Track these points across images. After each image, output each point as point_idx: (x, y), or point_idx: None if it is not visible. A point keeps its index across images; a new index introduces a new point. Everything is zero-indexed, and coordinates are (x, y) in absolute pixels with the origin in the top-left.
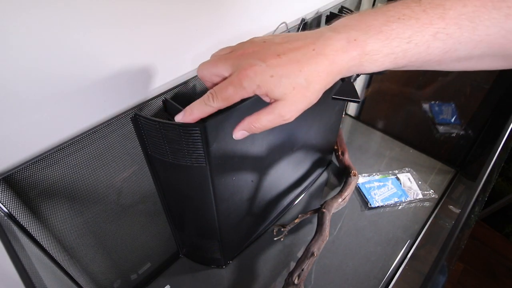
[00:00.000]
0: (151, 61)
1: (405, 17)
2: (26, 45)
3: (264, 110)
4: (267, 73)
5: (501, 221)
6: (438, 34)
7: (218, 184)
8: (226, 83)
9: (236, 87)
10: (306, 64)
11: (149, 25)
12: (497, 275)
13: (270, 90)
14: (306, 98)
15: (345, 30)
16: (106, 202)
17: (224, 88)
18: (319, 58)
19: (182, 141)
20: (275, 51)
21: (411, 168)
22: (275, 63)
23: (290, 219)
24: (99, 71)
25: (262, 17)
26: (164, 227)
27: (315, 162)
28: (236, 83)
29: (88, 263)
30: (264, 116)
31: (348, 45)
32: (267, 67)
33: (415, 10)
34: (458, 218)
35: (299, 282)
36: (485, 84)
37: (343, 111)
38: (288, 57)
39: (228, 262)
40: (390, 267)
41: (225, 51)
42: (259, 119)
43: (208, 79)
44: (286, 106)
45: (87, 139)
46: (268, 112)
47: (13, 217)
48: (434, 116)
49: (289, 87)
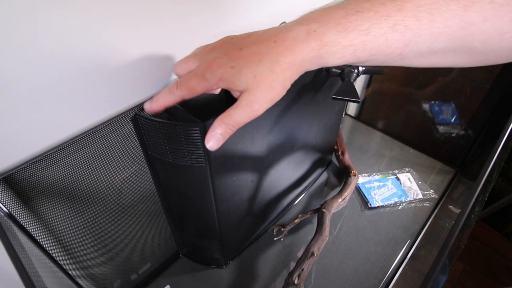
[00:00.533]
0: (151, 61)
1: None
2: (26, 45)
3: (233, 105)
4: (228, 65)
5: (501, 221)
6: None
7: (218, 184)
8: (190, 74)
9: (199, 78)
10: (266, 54)
11: (149, 25)
12: (497, 275)
13: (232, 81)
14: (271, 87)
15: (306, 23)
16: (106, 202)
17: (188, 79)
18: (280, 49)
19: (182, 141)
20: (238, 45)
21: (411, 168)
22: (236, 56)
23: (290, 219)
24: (99, 71)
25: (262, 17)
26: (164, 227)
27: (315, 162)
28: (199, 75)
29: (88, 263)
30: (233, 110)
31: (307, 36)
32: (228, 59)
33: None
34: (458, 218)
35: (299, 282)
36: (485, 84)
37: (343, 111)
38: (250, 50)
39: (228, 262)
40: (390, 267)
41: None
42: (230, 115)
43: (180, 74)
44: (252, 95)
45: (87, 139)
46: (236, 105)
47: (13, 217)
48: (434, 116)
49: (250, 76)
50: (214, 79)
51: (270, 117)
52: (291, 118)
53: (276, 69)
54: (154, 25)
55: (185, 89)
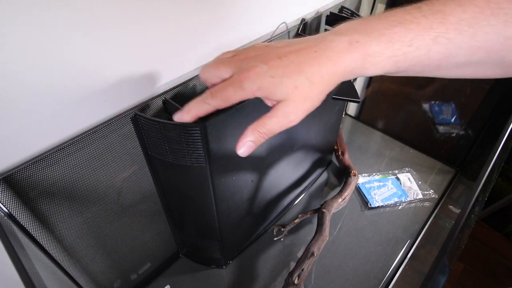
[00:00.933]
0: (151, 61)
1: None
2: (26, 46)
3: (268, 114)
4: (268, 74)
5: (501, 221)
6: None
7: (218, 184)
8: (226, 83)
9: (236, 88)
10: (308, 65)
11: (149, 25)
12: (497, 275)
13: (272, 91)
14: (309, 99)
15: (348, 33)
16: (106, 202)
17: (224, 88)
18: (321, 59)
19: (182, 141)
20: (276, 54)
21: (411, 168)
22: (276, 65)
23: (290, 219)
24: (99, 71)
25: (262, 17)
26: (164, 227)
27: (315, 162)
28: (236, 84)
29: (88, 263)
30: (269, 119)
31: (350, 47)
32: (268, 68)
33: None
34: (458, 218)
35: (299, 282)
36: (485, 84)
37: (343, 111)
38: (290, 59)
39: (228, 262)
40: (390, 267)
41: (227, 55)
42: (264, 124)
43: (210, 81)
44: (290, 106)
45: (87, 139)
46: (272, 115)
47: (13, 217)
48: (434, 116)
49: (291, 87)
50: (252, 89)
51: None
52: None
53: (316, 81)
54: (154, 25)
55: (220, 98)
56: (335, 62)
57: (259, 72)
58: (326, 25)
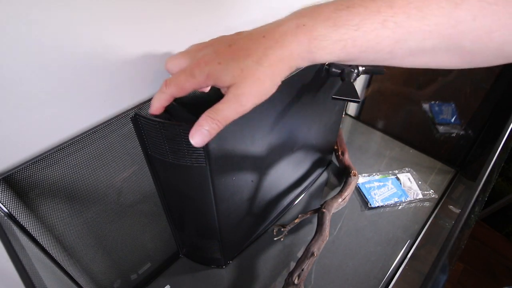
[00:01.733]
0: (151, 61)
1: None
2: (26, 46)
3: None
4: (216, 61)
5: (501, 221)
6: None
7: (218, 184)
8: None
9: (187, 75)
10: (254, 49)
11: (149, 25)
12: (497, 275)
13: (219, 77)
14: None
15: (296, 17)
16: (106, 202)
17: (176, 76)
18: (268, 43)
19: (182, 141)
20: (227, 42)
21: (411, 168)
22: (224, 51)
23: (290, 219)
24: (99, 71)
25: (262, 17)
26: (164, 227)
27: (315, 162)
28: (187, 72)
29: (88, 263)
30: (221, 105)
31: (296, 30)
32: (216, 56)
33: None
34: (458, 218)
35: (299, 282)
36: (485, 84)
37: (343, 111)
38: (238, 45)
39: (228, 262)
40: (390, 267)
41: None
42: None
43: (171, 71)
44: (238, 89)
45: (87, 139)
46: (223, 100)
47: (13, 217)
48: (434, 116)
49: (236, 70)
50: (201, 76)
51: (270, 117)
52: (291, 118)
53: (263, 63)
54: (154, 25)
55: (174, 86)
56: (281, 45)
57: (208, 60)
58: None
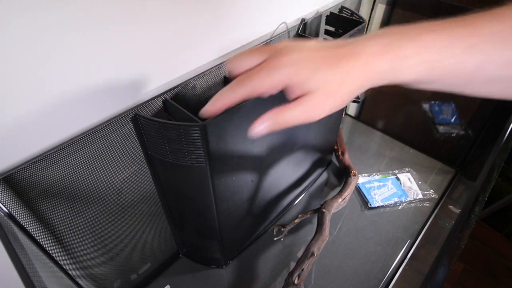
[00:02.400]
0: (151, 61)
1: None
2: (26, 45)
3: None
4: (303, 63)
5: (501, 221)
6: (471, 48)
7: (218, 184)
8: (257, 69)
9: (268, 74)
10: (343, 61)
11: (149, 25)
12: (497, 275)
13: (302, 81)
14: (335, 97)
15: (382, 36)
16: (106, 202)
17: (253, 74)
18: (355, 57)
19: (182, 141)
20: (311, 47)
21: (411, 168)
22: (312, 56)
23: (290, 219)
24: (99, 71)
25: (262, 17)
26: (164, 227)
27: (315, 162)
28: (267, 69)
29: (88, 263)
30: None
31: (383, 48)
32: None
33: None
34: (458, 218)
35: (299, 282)
36: None
37: (343, 111)
38: (326, 53)
39: (228, 262)
40: (390, 267)
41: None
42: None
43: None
44: (315, 100)
45: (87, 139)
46: (295, 105)
47: (13, 217)
48: (434, 116)
49: (320, 80)
50: (284, 75)
51: None
52: None
53: (347, 80)
54: (154, 25)
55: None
56: (366, 62)
57: (294, 59)
58: (326, 25)
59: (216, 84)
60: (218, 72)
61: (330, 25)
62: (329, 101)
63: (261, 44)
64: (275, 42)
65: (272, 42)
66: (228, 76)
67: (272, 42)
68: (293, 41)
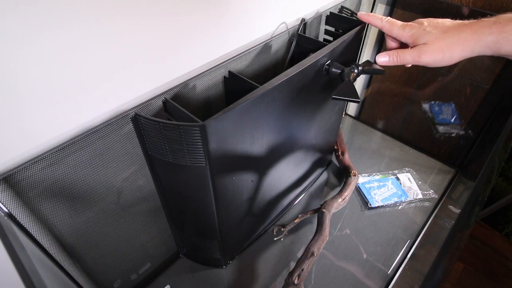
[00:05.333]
0: (151, 61)
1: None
2: (26, 45)
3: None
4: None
5: (501, 221)
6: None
7: (218, 184)
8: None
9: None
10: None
11: (149, 25)
12: (497, 275)
13: (419, 36)
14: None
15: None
16: (106, 202)
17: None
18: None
19: (182, 141)
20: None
21: (411, 168)
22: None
23: (290, 219)
24: (99, 71)
25: (262, 17)
26: (164, 227)
27: (315, 162)
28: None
29: (88, 263)
30: (407, 51)
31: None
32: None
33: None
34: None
35: (299, 282)
36: (485, 84)
37: (343, 111)
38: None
39: (228, 262)
40: (390, 267)
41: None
42: (403, 52)
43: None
44: (425, 47)
45: (87, 139)
46: (411, 50)
47: (13, 217)
48: (434, 116)
49: (432, 36)
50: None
51: (270, 117)
52: (291, 118)
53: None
54: (154, 25)
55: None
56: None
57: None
58: (326, 25)
59: (216, 84)
60: (218, 72)
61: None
62: (434, 53)
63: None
64: (275, 42)
65: (272, 42)
66: None
67: (272, 42)
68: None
